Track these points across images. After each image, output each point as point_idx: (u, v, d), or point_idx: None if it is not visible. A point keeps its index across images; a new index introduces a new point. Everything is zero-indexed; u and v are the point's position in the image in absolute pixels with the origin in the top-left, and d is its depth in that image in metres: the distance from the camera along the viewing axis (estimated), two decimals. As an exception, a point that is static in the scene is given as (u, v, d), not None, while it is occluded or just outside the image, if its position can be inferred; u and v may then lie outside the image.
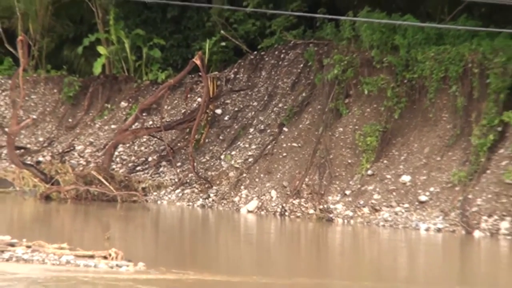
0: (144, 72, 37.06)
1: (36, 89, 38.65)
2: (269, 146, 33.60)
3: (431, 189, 29.34)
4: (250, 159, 33.62)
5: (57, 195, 32.76)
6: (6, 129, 36.65)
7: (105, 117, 37.41)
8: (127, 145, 35.82)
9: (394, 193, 29.93)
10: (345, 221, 30.05)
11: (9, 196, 33.35)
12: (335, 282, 20.70)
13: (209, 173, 33.77)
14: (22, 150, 36.28)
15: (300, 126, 33.47)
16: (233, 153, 34.26)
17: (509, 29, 27.77)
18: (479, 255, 26.17)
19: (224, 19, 36.41)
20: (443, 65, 30.03)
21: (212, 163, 34.19)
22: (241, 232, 30.39)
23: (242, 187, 32.92)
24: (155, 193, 33.95)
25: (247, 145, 34.21)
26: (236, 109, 35.52)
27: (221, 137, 34.89)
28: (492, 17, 29.85)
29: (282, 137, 33.67)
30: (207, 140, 34.91)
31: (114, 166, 34.75)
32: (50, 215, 30.53)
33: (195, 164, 33.86)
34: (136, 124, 35.78)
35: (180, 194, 33.80)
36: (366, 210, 30.02)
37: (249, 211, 31.99)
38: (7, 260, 19.99)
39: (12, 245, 21.12)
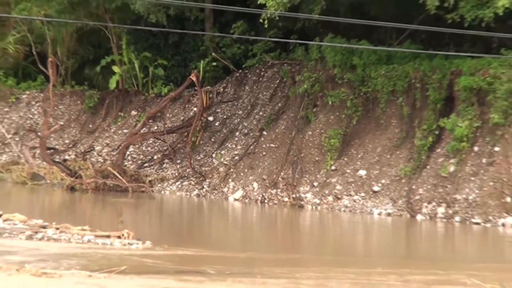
0: (150, 87, 37.03)
1: (62, 100, 38.59)
2: (251, 147, 33.67)
3: (383, 181, 29.50)
4: (236, 157, 33.68)
5: (80, 187, 32.77)
6: (39, 133, 36.63)
7: (119, 123, 37.37)
8: (137, 146, 35.83)
9: (352, 185, 30.08)
10: (313, 207, 30.18)
11: (41, 188, 33.32)
12: (306, 256, 20.86)
13: (203, 168, 33.81)
14: (52, 150, 36.22)
15: (277, 130, 33.54)
16: (222, 152, 34.31)
17: (444, 52, 27.95)
18: (420, 234, 26.30)
19: (215, 44, 36.39)
20: (391, 81, 30.15)
21: (205, 161, 34.22)
22: (229, 216, 30.47)
23: (229, 180, 33.02)
24: (159, 185, 34.01)
25: (233, 146, 34.27)
26: (224, 116, 35.55)
27: (212, 139, 34.92)
28: (430, 42, 29.97)
29: (262, 139, 33.74)
30: (201, 142, 34.93)
31: (126, 163, 34.78)
32: (74, 203, 30.52)
33: (191, 161, 33.89)
34: (144, 129, 35.81)
35: (180, 186, 33.88)
36: (330, 198, 30.15)
37: (235, 199, 32.09)
38: (40, 239, 20.08)
39: (44, 227, 21.22)
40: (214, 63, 36.43)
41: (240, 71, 36.63)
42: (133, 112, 37.38)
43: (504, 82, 26.98)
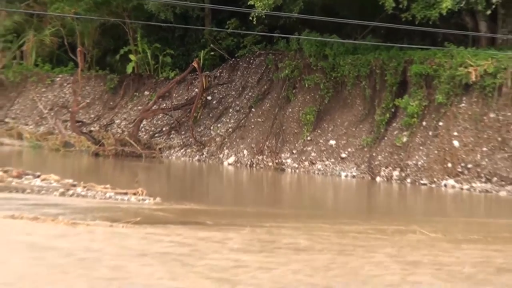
0: (160, 71, 36.91)
1: (89, 83, 38.49)
2: (242, 121, 33.64)
3: (349, 149, 29.54)
4: (230, 129, 33.64)
5: (102, 153, 32.74)
6: (70, 109, 36.60)
7: (134, 101, 37.28)
8: (149, 120, 35.76)
9: (324, 152, 30.13)
10: (293, 170, 30.24)
11: (72, 154, 33.26)
12: (286, 210, 20.95)
13: (203, 138, 33.78)
14: (80, 123, 36.13)
15: (263, 107, 33.51)
16: (218, 125, 34.26)
17: (399, 44, 27.98)
18: (379, 193, 26.36)
19: (212, 37, 36.30)
20: (356, 68, 30.12)
21: (205, 132, 34.20)
22: (223, 177, 30.51)
23: (224, 148, 33.02)
24: (167, 152, 33.99)
25: (228, 120, 34.23)
26: (220, 96, 35.49)
27: (210, 115, 34.85)
28: (388, 36, 29.96)
29: (251, 115, 33.71)
30: (201, 117, 34.86)
31: (140, 134, 34.72)
32: (98, 166, 30.54)
33: (193, 132, 33.84)
34: (155, 106, 35.77)
35: (184, 152, 33.87)
36: (306, 163, 30.21)
37: (229, 164, 32.11)
38: (71, 195, 20.14)
39: (74, 185, 21.27)
40: (212, 53, 36.34)
41: (233, 59, 36.52)
42: (146, 92, 37.32)
43: (446, 69, 27.03)
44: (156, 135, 35.18)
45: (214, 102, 35.43)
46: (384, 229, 16.87)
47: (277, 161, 31.05)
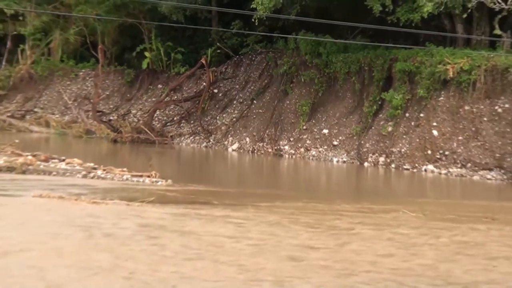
0: (172, 67, 36.87)
1: (108, 77, 38.46)
2: (245, 112, 33.58)
3: (340, 137, 29.51)
4: (234, 119, 33.62)
5: (120, 140, 32.75)
6: (91, 100, 36.64)
7: (149, 94, 37.25)
8: (162, 110, 35.76)
9: (318, 140, 30.11)
10: (290, 156, 30.23)
11: (93, 140, 33.31)
12: (284, 192, 20.94)
13: (210, 127, 33.76)
14: (100, 113, 36.16)
15: (264, 100, 33.46)
16: (224, 115, 34.23)
17: (385, 44, 27.92)
18: (367, 177, 26.34)
19: (219, 36, 36.25)
20: (347, 65, 30.05)
21: (211, 121, 34.18)
22: (228, 162, 30.52)
23: (229, 135, 33.01)
24: (177, 139, 33.97)
25: (232, 111, 34.19)
26: (226, 89, 35.45)
27: (217, 106, 34.82)
28: (375, 37, 29.87)
29: (253, 106, 33.67)
30: (208, 108, 34.82)
31: (154, 123, 34.70)
32: (116, 151, 30.55)
33: (201, 121, 33.89)
34: (167, 98, 35.78)
35: (192, 139, 33.86)
36: (302, 149, 30.19)
37: (233, 150, 32.10)
38: (92, 177, 20.20)
39: (94, 168, 21.24)
40: (218, 51, 36.29)
41: (237, 56, 36.47)
42: (159, 86, 37.28)
43: (427, 67, 27.00)
44: (168, 124, 35.16)
45: (220, 95, 35.40)
46: (371, 208, 16.90)
47: (276, 147, 31.04)
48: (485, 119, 25.47)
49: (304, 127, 30.90)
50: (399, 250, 12.10)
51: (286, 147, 30.83)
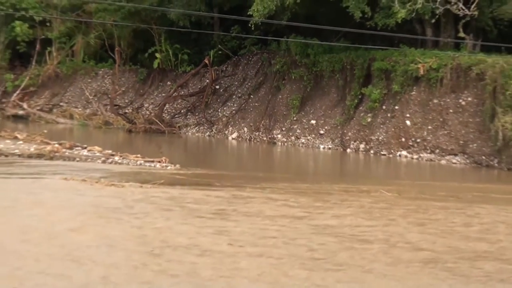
0: (179, 66, 36.67)
1: (124, 75, 38.31)
2: (243, 105, 33.44)
3: (326, 127, 29.49)
4: (233, 111, 33.50)
5: (134, 130, 32.72)
6: (109, 96, 36.65)
7: (159, 90, 37.05)
8: (170, 104, 35.68)
9: (307, 129, 30.09)
10: (282, 144, 30.21)
11: (111, 130, 33.29)
12: (277, 175, 21.01)
13: (212, 118, 33.62)
14: (117, 106, 36.07)
15: (259, 95, 33.36)
16: (224, 108, 34.12)
17: (365, 46, 27.89)
18: (349, 161, 26.44)
19: (220, 39, 36.10)
20: (332, 64, 29.92)
21: (214, 114, 34.06)
22: (228, 149, 30.52)
23: (229, 126, 32.92)
24: (184, 129, 33.86)
25: (232, 104, 34.05)
26: (226, 85, 35.32)
27: (218, 100, 34.69)
28: (356, 39, 29.80)
29: (250, 100, 33.54)
30: (211, 102, 34.69)
31: (163, 115, 34.62)
32: (131, 140, 30.53)
33: (205, 114, 33.81)
34: (175, 93, 35.71)
35: (197, 129, 33.75)
36: (293, 138, 30.19)
37: (233, 139, 32.04)
38: (110, 163, 20.26)
39: (112, 155, 21.30)
40: (220, 52, 36.10)
41: (236, 57, 36.29)
42: (168, 83, 37.11)
43: (401, 65, 26.96)
44: (176, 116, 35.10)
45: (221, 90, 35.32)
46: (353, 188, 16.97)
47: (270, 136, 31.03)
48: (451, 110, 25.53)
49: (295, 118, 30.87)
50: (376, 220, 12.22)
51: (279, 136, 30.82)
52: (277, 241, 10.42)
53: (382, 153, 26.52)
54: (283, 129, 30.98)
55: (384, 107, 27.67)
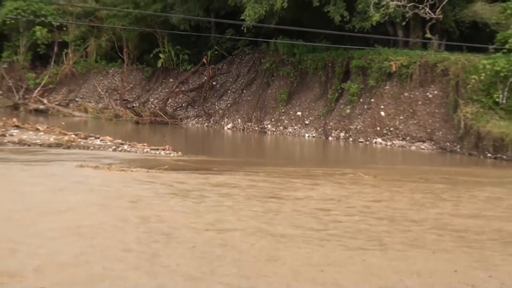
0: (180, 65, 36.48)
1: (131, 73, 38.04)
2: (237, 99, 33.32)
3: (310, 118, 29.47)
4: (229, 105, 33.39)
5: (141, 122, 32.63)
6: (119, 91, 36.50)
7: (163, 86, 36.80)
8: (173, 98, 35.52)
9: (293, 120, 30.06)
10: (271, 133, 30.17)
11: (120, 122, 32.97)
12: (268, 160, 20.99)
13: (210, 111, 33.51)
14: (126, 101, 35.94)
15: (251, 90, 33.25)
16: (220, 102, 34.01)
17: (344, 46, 27.81)
18: (331, 148, 26.43)
19: (216, 41, 35.91)
20: (315, 62, 29.85)
21: (211, 107, 33.94)
22: (224, 138, 30.43)
23: (225, 117, 32.81)
24: (185, 120, 33.69)
25: (227, 98, 33.90)
26: (222, 82, 35.16)
27: (215, 95, 34.55)
28: (336, 40, 29.64)
29: (243, 95, 33.43)
30: (209, 96, 34.51)
31: (167, 108, 34.50)
32: (138, 131, 30.37)
33: (203, 107, 33.74)
34: (177, 89, 35.57)
35: (197, 121, 33.59)
36: (281, 128, 30.15)
37: (228, 129, 31.96)
38: (120, 151, 20.15)
39: (122, 144, 21.22)
40: (216, 52, 35.89)
41: (231, 56, 36.09)
42: (171, 80, 36.88)
43: (376, 63, 26.93)
44: (178, 109, 34.96)
45: (217, 86, 35.18)
46: (332, 171, 16.97)
47: (261, 126, 30.97)
48: (419, 102, 25.54)
49: (283, 110, 30.81)
50: (356, 198, 12.22)
51: (269, 126, 30.76)
52: (261, 210, 10.39)
53: (360, 140, 26.52)
54: (273, 120, 30.92)
55: (361, 100, 27.65)
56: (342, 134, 27.48)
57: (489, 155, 21.95)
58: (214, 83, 35.39)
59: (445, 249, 8.73)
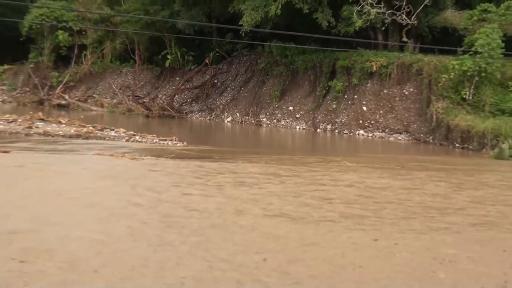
0: (185, 65, 36.46)
1: (142, 72, 37.95)
2: (235, 95, 33.33)
3: (301, 112, 29.46)
4: (228, 100, 33.39)
5: (151, 115, 32.65)
6: (131, 88, 36.46)
7: (170, 84, 36.69)
8: (179, 95, 35.47)
9: (286, 114, 30.04)
10: (266, 125, 30.15)
11: (132, 116, 32.96)
12: (263, 150, 20.93)
13: (212, 106, 33.51)
14: (137, 97, 35.90)
15: (248, 87, 33.23)
16: (221, 98, 33.98)
17: (331, 48, 27.72)
18: (319, 139, 26.42)
19: (217, 44, 35.86)
20: (305, 63, 29.83)
21: (213, 102, 33.92)
22: (224, 130, 30.38)
23: (225, 111, 32.80)
24: (190, 114, 33.68)
25: (226, 95, 33.88)
26: (222, 80, 35.13)
27: (216, 92, 34.54)
28: (324, 43, 29.69)
29: (241, 91, 33.43)
30: (211, 93, 34.54)
31: (174, 103, 34.46)
32: (148, 123, 30.34)
33: (206, 102, 33.75)
34: (182, 86, 35.50)
35: (200, 115, 33.59)
36: (275, 121, 30.12)
37: (228, 121, 31.96)
38: (132, 141, 20.03)
39: (134, 135, 21.12)
40: (217, 54, 35.83)
41: (230, 57, 36.03)
42: (177, 78, 36.77)
43: (359, 63, 26.91)
44: (183, 104, 34.92)
45: (218, 84, 35.13)
46: (319, 159, 16.94)
47: (257, 119, 30.95)
48: (397, 99, 25.53)
49: (276, 105, 30.79)
50: (338, 184, 12.21)
51: (264, 119, 30.72)
52: (261, 191, 10.36)
53: (345, 132, 26.51)
54: (267, 114, 30.88)
55: (346, 96, 27.63)
56: (329, 127, 27.46)
57: (457, 145, 22.02)
58: (215, 81, 35.32)
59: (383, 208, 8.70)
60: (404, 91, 25.45)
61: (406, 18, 26.41)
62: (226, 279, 5.95)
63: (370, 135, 25.56)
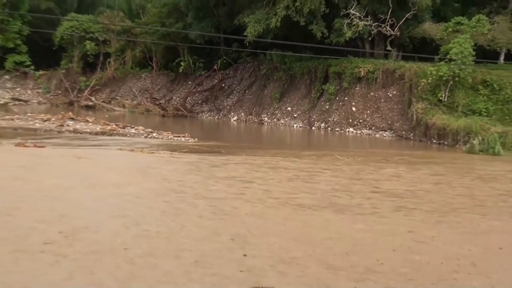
0: (197, 71, 36.29)
1: (159, 77, 37.79)
2: (241, 97, 33.16)
3: (298, 112, 29.32)
4: (234, 102, 33.24)
5: (166, 115, 32.59)
6: (149, 91, 36.36)
7: (183, 87, 36.54)
8: (191, 97, 35.36)
9: (285, 113, 29.92)
10: (267, 124, 30.00)
11: (150, 116, 32.92)
12: (264, 145, 20.92)
13: (220, 107, 33.36)
14: (155, 99, 35.79)
15: (252, 90, 33.05)
16: (228, 99, 33.83)
17: (324, 56, 27.60)
18: (313, 136, 26.36)
19: (225, 52, 35.75)
20: (302, 69, 29.67)
21: (221, 103, 33.74)
22: (231, 128, 30.29)
23: (231, 111, 32.66)
24: (200, 114, 33.59)
25: (233, 97, 33.71)
26: (229, 84, 34.94)
27: (224, 94, 34.39)
28: (318, 51, 29.46)
29: (245, 94, 33.27)
30: (219, 95, 34.39)
31: (186, 104, 34.33)
32: (164, 122, 30.24)
33: (215, 103, 33.65)
34: (194, 89, 35.38)
35: (209, 114, 33.40)
36: (275, 120, 29.99)
37: (234, 120, 31.81)
38: (150, 138, 20.04)
39: (151, 132, 21.13)
40: (224, 61, 35.64)
41: (236, 64, 35.80)
42: (189, 82, 36.59)
43: (348, 69, 26.76)
44: (195, 105, 34.81)
45: (225, 87, 35.00)
46: (315, 154, 16.91)
47: (259, 119, 30.83)
48: (382, 100, 25.44)
49: (276, 106, 30.67)
50: (335, 174, 12.17)
51: (265, 118, 30.62)
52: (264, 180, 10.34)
53: (336, 130, 26.42)
54: (268, 113, 30.79)
55: (337, 98, 27.52)
56: (322, 125, 27.38)
57: (434, 141, 21.98)
58: (223, 85, 35.20)
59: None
60: (388, 93, 25.36)
61: (390, 30, 26.34)
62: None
63: (359, 132, 25.48)
